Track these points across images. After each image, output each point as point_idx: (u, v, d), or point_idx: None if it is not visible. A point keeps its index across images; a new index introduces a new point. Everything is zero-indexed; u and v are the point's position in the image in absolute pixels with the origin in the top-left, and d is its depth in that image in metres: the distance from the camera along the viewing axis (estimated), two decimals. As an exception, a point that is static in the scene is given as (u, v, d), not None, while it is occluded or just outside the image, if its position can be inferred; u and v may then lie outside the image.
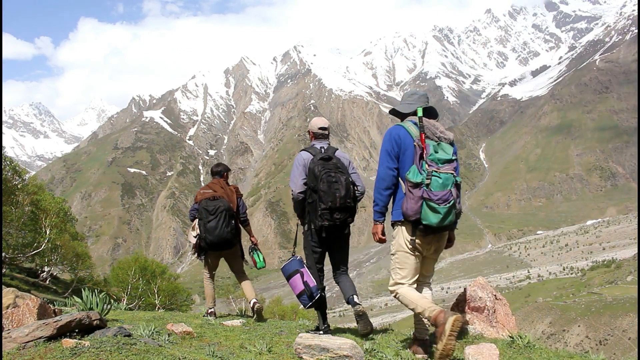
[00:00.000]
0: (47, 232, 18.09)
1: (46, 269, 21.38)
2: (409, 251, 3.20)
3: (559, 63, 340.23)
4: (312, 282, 3.85)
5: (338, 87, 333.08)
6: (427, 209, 3.00)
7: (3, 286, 4.20)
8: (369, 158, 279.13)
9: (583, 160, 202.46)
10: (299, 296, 3.88)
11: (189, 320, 4.79)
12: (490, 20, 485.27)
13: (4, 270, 17.16)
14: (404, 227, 3.22)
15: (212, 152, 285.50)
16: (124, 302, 17.22)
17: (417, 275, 3.31)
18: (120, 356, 2.58)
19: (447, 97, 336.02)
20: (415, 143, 3.16)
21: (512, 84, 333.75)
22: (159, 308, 18.20)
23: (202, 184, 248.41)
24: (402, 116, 3.43)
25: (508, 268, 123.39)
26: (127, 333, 3.10)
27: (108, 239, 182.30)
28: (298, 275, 3.88)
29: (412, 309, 3.24)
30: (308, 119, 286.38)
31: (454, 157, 3.15)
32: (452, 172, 3.08)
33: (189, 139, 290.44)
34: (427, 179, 3.01)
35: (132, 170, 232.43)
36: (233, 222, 5.09)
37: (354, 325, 4.95)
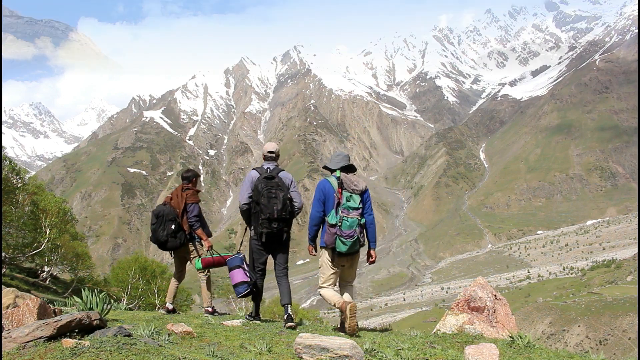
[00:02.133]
0: (47, 232, 18.07)
1: (46, 269, 21.36)
2: (330, 266, 4.60)
3: (559, 63, 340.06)
4: (246, 278, 4.86)
5: (338, 87, 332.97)
6: (338, 241, 4.38)
7: (3, 286, 4.20)
8: (369, 158, 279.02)
9: (583, 160, 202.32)
10: (234, 286, 4.89)
11: (189, 320, 4.79)
12: (490, 20, 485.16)
13: (4, 270, 17.16)
14: (325, 251, 4.63)
15: (212, 152, 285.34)
16: (124, 302, 17.22)
17: (335, 281, 4.68)
18: (120, 356, 2.59)
19: (447, 97, 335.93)
20: (334, 194, 4.50)
21: (512, 84, 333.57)
22: (159, 308, 18.19)
23: (203, 184, 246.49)
24: (331, 171, 4.72)
25: (508, 268, 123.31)
26: (127, 333, 3.10)
27: (108, 239, 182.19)
28: (238, 270, 4.89)
29: (330, 303, 4.60)
30: (308, 119, 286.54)
31: (359, 206, 4.46)
32: (358, 216, 4.42)
33: (189, 139, 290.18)
34: (339, 222, 4.38)
35: (132, 170, 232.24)
36: (173, 226, 5.55)
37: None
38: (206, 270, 5.79)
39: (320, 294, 4.73)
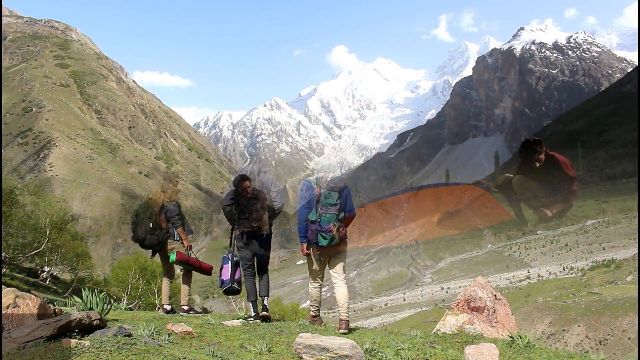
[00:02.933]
0: (47, 232, 18.05)
1: (46, 269, 21.35)
2: (315, 259, 4.94)
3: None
4: (227, 276, 5.19)
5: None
6: (319, 236, 4.69)
7: (3, 286, 4.20)
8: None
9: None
10: (220, 283, 5.35)
11: (189, 320, 4.80)
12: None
13: (4, 270, 17.14)
14: (311, 247, 4.94)
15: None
16: (124, 302, 17.21)
17: (321, 274, 5.04)
18: (120, 356, 2.60)
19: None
20: (314, 192, 4.82)
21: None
22: (159, 308, 18.17)
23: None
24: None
25: (508, 268, 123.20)
26: (127, 333, 3.11)
27: (108, 239, 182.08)
28: (224, 267, 5.26)
29: (310, 303, 5.11)
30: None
31: (337, 202, 4.76)
32: (336, 212, 4.73)
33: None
34: (319, 218, 4.71)
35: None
36: (151, 224, 5.77)
37: (353, 325, 5.00)
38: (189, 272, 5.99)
39: (309, 287, 5.14)
